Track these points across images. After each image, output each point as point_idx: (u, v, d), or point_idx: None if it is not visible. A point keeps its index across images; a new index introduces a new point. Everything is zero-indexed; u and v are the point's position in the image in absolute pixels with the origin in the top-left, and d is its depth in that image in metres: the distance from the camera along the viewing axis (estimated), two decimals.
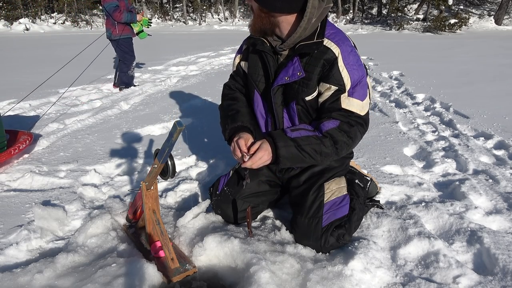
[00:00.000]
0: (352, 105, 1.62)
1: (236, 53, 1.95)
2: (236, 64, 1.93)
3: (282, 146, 1.56)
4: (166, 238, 1.63)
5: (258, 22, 1.62)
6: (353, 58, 1.62)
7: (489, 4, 20.96)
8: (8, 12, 19.94)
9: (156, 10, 22.67)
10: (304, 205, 1.73)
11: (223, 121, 1.84)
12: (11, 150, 2.77)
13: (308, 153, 1.59)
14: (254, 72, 1.79)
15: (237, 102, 1.87)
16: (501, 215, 1.98)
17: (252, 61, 1.79)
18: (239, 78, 1.93)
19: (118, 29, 5.20)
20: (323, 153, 1.60)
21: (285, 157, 1.57)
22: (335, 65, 1.59)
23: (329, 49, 1.60)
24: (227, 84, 1.99)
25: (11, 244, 1.79)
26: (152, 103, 4.63)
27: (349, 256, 1.60)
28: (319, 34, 1.60)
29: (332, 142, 1.60)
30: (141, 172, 2.61)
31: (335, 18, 20.95)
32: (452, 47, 10.36)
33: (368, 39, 13.71)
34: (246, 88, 1.90)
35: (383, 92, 4.98)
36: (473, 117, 3.66)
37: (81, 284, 1.47)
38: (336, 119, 1.62)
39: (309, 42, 1.59)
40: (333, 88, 1.61)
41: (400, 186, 2.30)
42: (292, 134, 1.60)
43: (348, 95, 1.62)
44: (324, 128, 1.61)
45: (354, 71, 1.61)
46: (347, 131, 1.61)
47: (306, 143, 1.58)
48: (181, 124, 1.32)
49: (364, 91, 1.65)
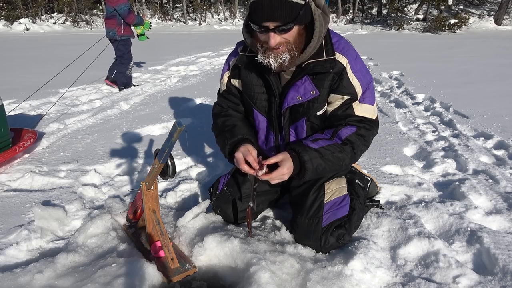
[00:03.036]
0: (365, 111, 1.63)
1: (223, 70, 1.85)
2: (225, 82, 1.83)
3: (308, 159, 1.53)
4: (166, 238, 1.63)
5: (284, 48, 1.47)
6: (359, 64, 1.62)
7: (489, 4, 20.96)
8: (8, 12, 19.95)
9: (156, 10, 22.67)
10: (304, 205, 1.73)
11: (220, 138, 1.76)
12: (16, 148, 2.79)
13: (332, 162, 1.58)
14: (250, 91, 1.72)
15: (231, 117, 1.80)
16: (501, 215, 1.98)
17: (247, 79, 1.71)
18: (231, 96, 1.84)
19: (123, 30, 5.28)
20: (344, 159, 1.61)
21: (311, 170, 1.55)
22: (345, 75, 1.57)
23: (337, 60, 1.56)
24: (217, 103, 1.89)
25: (11, 244, 1.79)
26: (152, 103, 4.64)
27: (349, 256, 1.60)
28: (327, 50, 1.55)
29: (351, 148, 1.61)
30: (141, 172, 2.62)
31: (335, 18, 20.96)
32: (452, 47, 10.37)
33: (368, 39, 13.71)
34: (243, 105, 1.84)
35: (383, 92, 4.98)
36: (473, 117, 3.66)
37: (81, 284, 1.47)
38: (353, 125, 1.62)
39: (319, 60, 1.54)
40: (345, 98, 1.60)
41: (400, 186, 2.30)
42: (315, 145, 1.57)
43: (359, 101, 1.62)
44: (343, 135, 1.60)
45: (363, 78, 1.61)
46: (364, 136, 1.63)
47: (329, 152, 1.57)
48: (181, 124, 1.32)
49: (373, 95, 1.67)
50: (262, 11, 1.38)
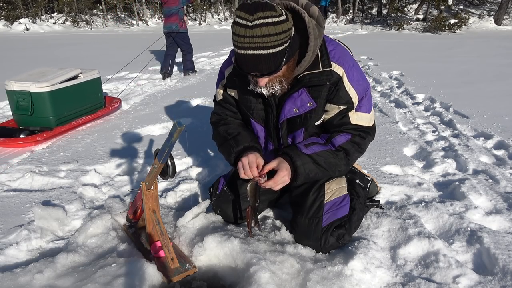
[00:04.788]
0: (361, 119, 1.64)
1: (218, 80, 1.82)
2: (221, 92, 1.80)
3: (300, 164, 1.55)
4: (166, 238, 1.63)
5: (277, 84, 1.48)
6: (356, 72, 1.60)
7: (489, 4, 20.94)
8: (8, 12, 19.92)
9: (156, 10, 22.64)
10: (304, 205, 1.73)
11: (224, 146, 1.74)
12: (109, 107, 4.09)
13: (324, 168, 1.60)
14: (247, 101, 1.71)
15: (233, 125, 1.79)
16: (501, 215, 1.98)
17: (243, 91, 1.67)
18: (228, 105, 1.82)
19: (183, 24, 6.31)
20: (337, 166, 1.62)
21: (303, 175, 1.57)
22: (341, 85, 1.56)
23: (333, 71, 1.55)
24: (215, 112, 1.87)
25: (11, 244, 1.79)
26: (152, 103, 4.63)
27: (349, 256, 1.60)
28: (323, 61, 1.53)
29: (345, 155, 1.62)
30: (141, 172, 2.61)
31: (335, 18, 20.94)
32: (452, 47, 10.36)
33: (368, 39, 13.70)
34: (241, 113, 1.83)
35: (383, 92, 4.98)
36: (473, 117, 3.66)
37: (81, 284, 1.47)
38: (348, 132, 1.63)
39: (315, 72, 1.52)
40: (341, 107, 1.61)
41: (400, 186, 2.30)
42: (307, 150, 1.59)
43: (356, 110, 1.62)
44: (337, 143, 1.62)
45: (359, 87, 1.60)
46: (359, 143, 1.64)
47: (322, 158, 1.59)
48: (181, 124, 1.32)
49: (370, 103, 1.67)
50: (246, 64, 1.38)
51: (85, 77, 3.72)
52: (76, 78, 3.63)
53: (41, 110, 3.32)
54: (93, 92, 3.88)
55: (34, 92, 3.26)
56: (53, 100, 3.34)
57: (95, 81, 3.87)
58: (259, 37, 1.30)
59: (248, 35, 1.30)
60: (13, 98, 3.34)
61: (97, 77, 3.90)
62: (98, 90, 3.95)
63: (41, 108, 3.31)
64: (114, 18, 22.30)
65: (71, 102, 3.56)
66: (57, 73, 3.50)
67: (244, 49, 1.33)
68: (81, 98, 3.70)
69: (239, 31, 1.32)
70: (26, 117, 3.35)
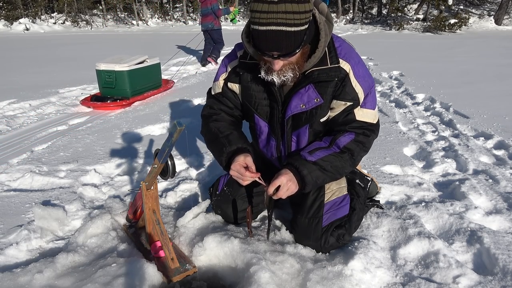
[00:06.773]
0: (366, 116, 1.63)
1: (218, 72, 1.79)
2: (221, 85, 1.76)
3: (307, 173, 1.54)
4: (166, 238, 1.63)
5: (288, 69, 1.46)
6: (362, 69, 1.60)
7: (489, 4, 20.94)
8: (8, 12, 19.92)
9: (156, 10, 22.65)
10: (304, 205, 1.73)
11: (214, 144, 1.71)
12: (167, 86, 5.34)
13: (331, 172, 1.59)
14: (251, 97, 1.69)
15: (224, 123, 1.76)
16: (501, 215, 1.98)
17: (248, 85, 1.67)
18: (225, 99, 1.77)
19: (218, 23, 7.46)
20: (343, 168, 1.61)
21: (311, 183, 1.56)
22: (348, 81, 1.56)
23: (341, 67, 1.55)
24: (208, 105, 1.82)
25: (11, 244, 1.79)
26: (152, 103, 4.63)
27: (349, 256, 1.60)
28: (332, 57, 1.53)
29: (350, 156, 1.61)
30: (141, 172, 2.61)
31: (335, 18, 20.94)
32: (452, 47, 10.36)
33: (368, 39, 13.70)
34: (240, 109, 1.81)
35: (383, 92, 4.98)
36: (473, 117, 3.66)
37: (81, 284, 1.47)
38: (351, 131, 1.62)
39: (324, 68, 1.52)
40: (348, 104, 1.60)
41: (400, 186, 2.30)
42: (312, 157, 1.57)
43: (361, 106, 1.62)
44: (341, 144, 1.60)
45: (365, 83, 1.60)
46: (363, 142, 1.62)
47: (328, 163, 1.57)
48: (181, 124, 1.32)
49: (374, 99, 1.66)
50: (266, 42, 1.35)
51: (150, 62, 4.91)
52: (143, 63, 4.79)
53: (121, 84, 4.52)
54: (155, 73, 5.13)
55: (117, 71, 4.46)
56: (130, 77, 4.55)
57: (157, 65, 5.12)
58: (283, 13, 1.28)
59: (272, 10, 1.28)
60: (101, 76, 4.52)
61: (158, 62, 5.12)
62: (158, 72, 5.22)
63: (121, 82, 4.52)
64: (114, 18, 22.31)
65: (141, 79, 4.77)
66: (131, 58, 4.69)
67: (267, 25, 1.30)
68: (148, 77, 4.92)
69: (261, 7, 1.30)
70: (110, 89, 4.55)
